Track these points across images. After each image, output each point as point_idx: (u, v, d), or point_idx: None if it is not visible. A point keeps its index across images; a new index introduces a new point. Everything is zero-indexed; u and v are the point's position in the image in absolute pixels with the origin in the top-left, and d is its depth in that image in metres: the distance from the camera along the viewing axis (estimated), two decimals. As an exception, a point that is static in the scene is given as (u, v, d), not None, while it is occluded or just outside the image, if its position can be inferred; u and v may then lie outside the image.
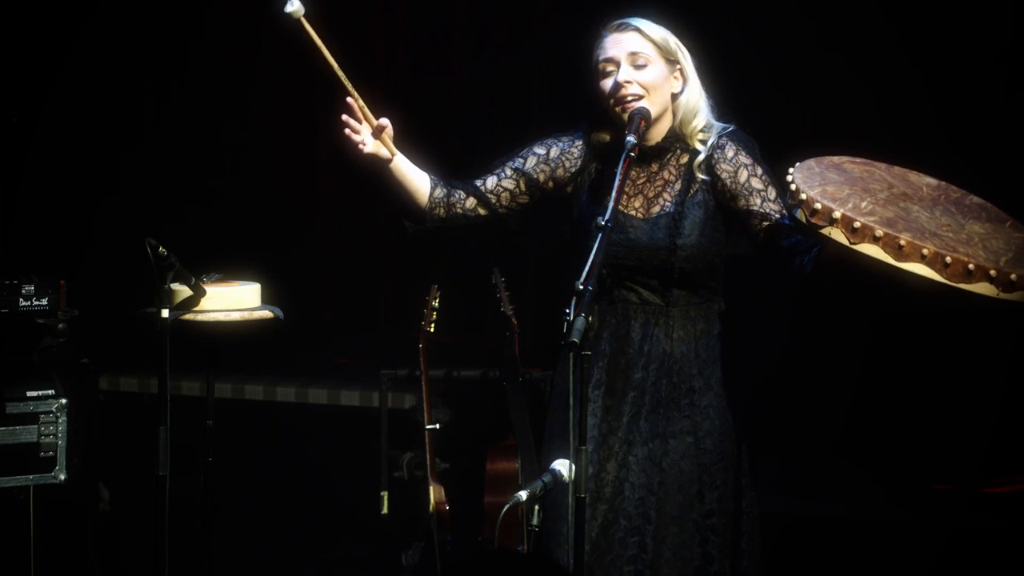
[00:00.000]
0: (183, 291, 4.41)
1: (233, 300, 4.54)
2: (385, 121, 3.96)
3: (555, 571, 3.66)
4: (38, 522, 5.09)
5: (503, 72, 7.17)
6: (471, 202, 4.10)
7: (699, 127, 4.03)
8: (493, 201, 4.11)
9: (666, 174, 4.05)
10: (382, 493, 6.06)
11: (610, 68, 3.98)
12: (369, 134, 3.95)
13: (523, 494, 3.73)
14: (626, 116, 3.95)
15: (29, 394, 5.12)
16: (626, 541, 3.95)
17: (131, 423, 6.23)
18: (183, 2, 7.38)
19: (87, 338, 5.47)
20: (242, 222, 7.31)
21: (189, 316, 4.44)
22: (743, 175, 4.00)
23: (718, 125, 4.05)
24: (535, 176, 4.10)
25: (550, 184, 4.12)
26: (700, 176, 4.02)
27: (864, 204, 3.75)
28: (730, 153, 4.02)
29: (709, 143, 4.03)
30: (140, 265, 4.25)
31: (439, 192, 4.08)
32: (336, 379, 6.88)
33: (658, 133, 4.04)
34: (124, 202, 7.26)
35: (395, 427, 6.23)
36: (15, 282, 5.19)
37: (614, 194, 3.76)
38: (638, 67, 3.97)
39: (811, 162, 3.89)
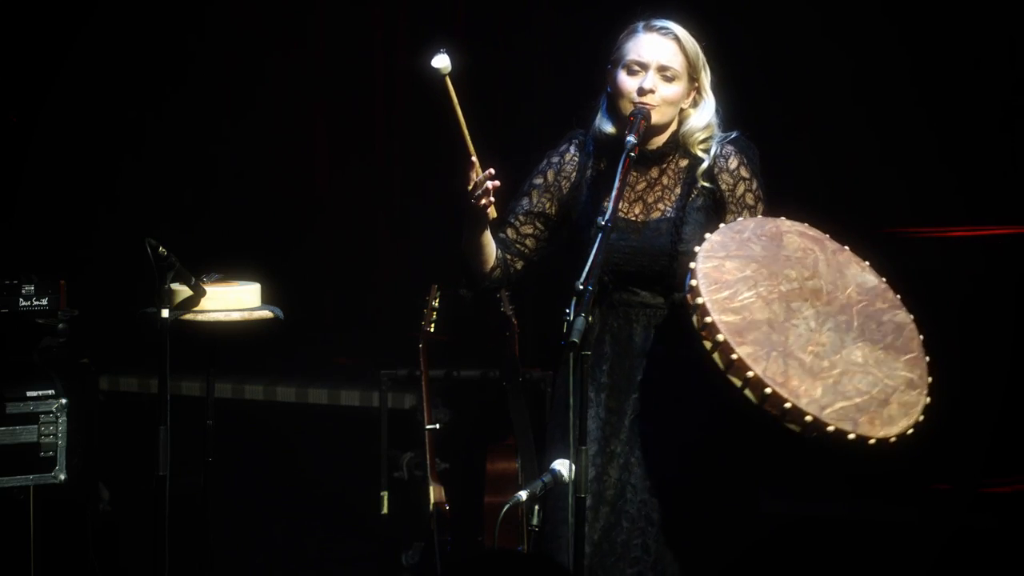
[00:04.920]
0: (183, 291, 4.41)
1: (233, 300, 4.54)
2: (498, 184, 3.97)
3: (555, 571, 3.66)
4: (38, 522, 5.09)
5: (502, 65, 7.17)
6: (509, 257, 4.14)
7: (700, 139, 4.05)
8: (524, 252, 4.16)
9: (665, 179, 4.06)
10: (382, 493, 6.07)
11: (637, 68, 3.98)
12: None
13: (523, 494, 3.73)
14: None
15: (29, 394, 5.11)
16: (629, 543, 3.95)
17: (131, 423, 6.22)
18: (184, 2, 7.38)
19: (87, 338, 5.47)
20: (242, 222, 7.31)
21: (189, 316, 4.44)
22: (740, 189, 4.03)
23: (720, 134, 4.06)
24: (544, 210, 4.14)
25: (556, 207, 4.14)
26: (702, 183, 4.03)
27: (746, 295, 3.77)
28: (732, 164, 4.03)
29: (712, 152, 4.04)
30: (140, 265, 4.25)
31: (499, 253, 4.11)
32: (336, 379, 6.88)
33: (660, 139, 4.05)
34: (124, 202, 7.26)
35: (395, 427, 6.23)
36: (15, 282, 5.18)
37: (614, 194, 3.78)
38: (665, 79, 3.99)
39: (752, 223, 3.92)
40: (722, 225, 3.92)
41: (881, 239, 6.53)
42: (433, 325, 5.65)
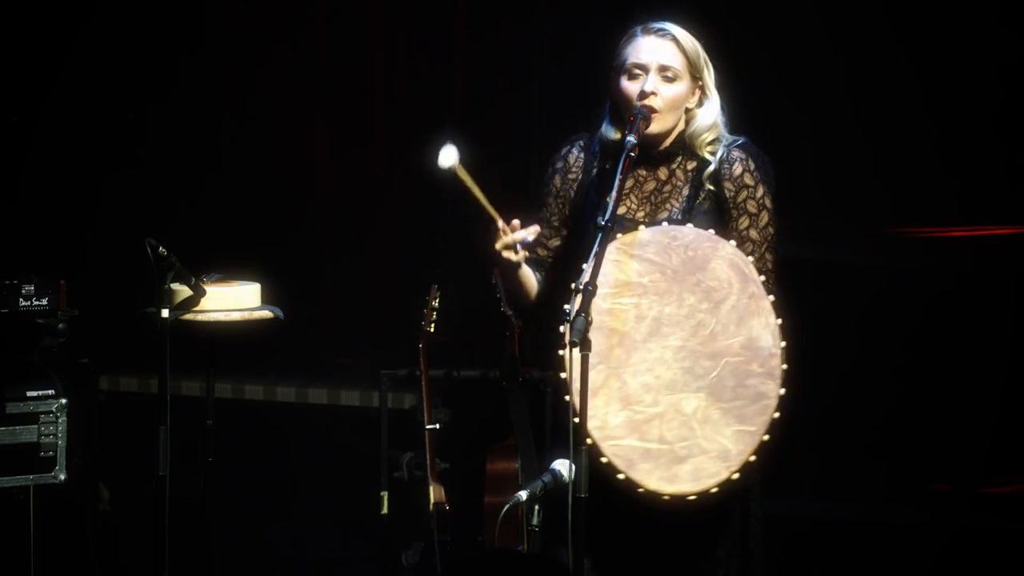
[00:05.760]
0: (183, 291, 4.41)
1: (233, 300, 4.54)
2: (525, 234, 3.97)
3: (555, 571, 3.66)
4: (38, 522, 5.09)
5: (502, 62, 7.18)
6: (546, 272, 4.13)
7: (707, 140, 4.03)
8: (559, 261, 4.14)
9: (674, 180, 4.05)
10: (382, 493, 6.06)
11: (638, 72, 3.97)
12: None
13: (523, 494, 3.73)
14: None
15: (29, 394, 5.12)
16: (632, 544, 3.94)
17: (131, 423, 6.23)
18: (183, 1, 7.38)
19: (87, 338, 5.47)
20: (242, 222, 7.31)
21: (189, 316, 4.45)
22: (742, 195, 4.01)
23: (727, 137, 4.05)
24: (563, 215, 4.13)
25: (569, 209, 4.13)
26: (708, 186, 4.02)
27: (624, 300, 3.71)
28: (737, 170, 4.01)
29: (718, 155, 4.02)
30: (140, 265, 4.25)
31: (539, 276, 4.11)
32: (336, 379, 6.88)
33: (667, 141, 4.04)
34: (124, 202, 7.26)
35: (395, 427, 6.22)
36: (15, 282, 5.18)
37: (614, 194, 3.77)
38: (666, 80, 3.97)
39: (693, 234, 3.81)
40: (664, 223, 3.89)
41: (881, 239, 6.56)
42: (433, 325, 5.65)
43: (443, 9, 7.28)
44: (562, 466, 3.72)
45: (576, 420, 3.60)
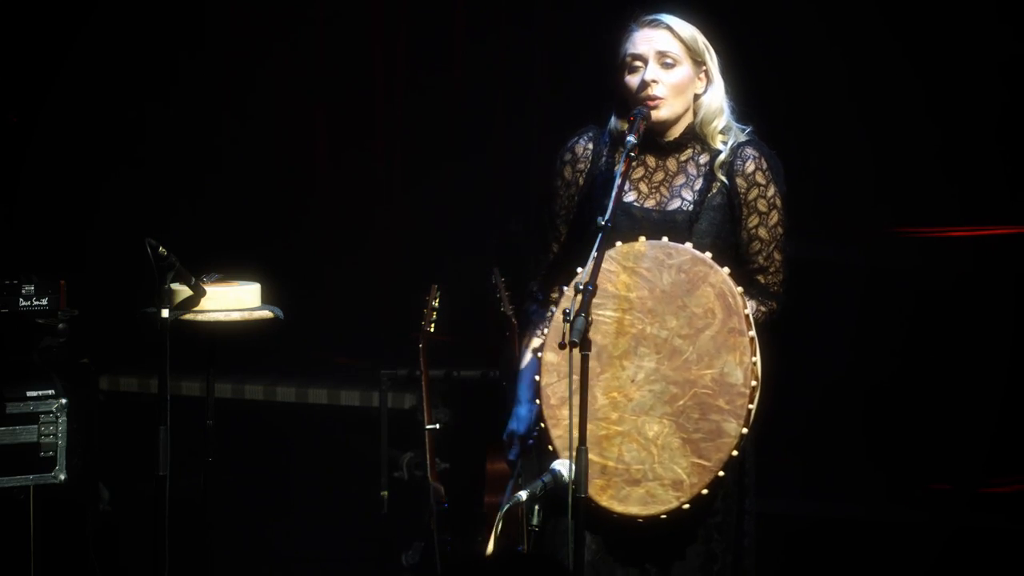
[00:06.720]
0: (183, 291, 4.41)
1: (233, 300, 4.54)
2: None
3: (555, 571, 3.65)
4: (38, 522, 5.09)
5: (505, 62, 7.18)
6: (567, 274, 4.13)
7: (719, 128, 4.03)
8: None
9: (686, 172, 4.04)
10: (382, 493, 6.06)
11: (637, 64, 3.98)
12: None
13: (523, 494, 3.73)
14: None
15: (29, 394, 5.11)
16: (632, 543, 3.95)
17: (131, 423, 6.23)
18: (183, 1, 7.38)
19: (87, 338, 5.47)
20: (242, 222, 7.31)
21: (189, 316, 4.44)
22: (752, 194, 4.00)
23: (737, 127, 4.05)
24: (572, 206, 4.11)
25: (579, 199, 4.12)
26: (721, 178, 4.02)
27: (607, 313, 3.71)
28: (750, 168, 4.00)
29: (729, 145, 4.02)
30: (140, 265, 4.26)
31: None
32: (336, 379, 6.88)
33: (676, 130, 4.03)
34: (124, 202, 7.26)
35: (395, 427, 6.23)
36: (15, 282, 5.18)
37: (614, 194, 3.77)
38: (665, 66, 3.97)
39: (690, 255, 3.78)
40: (665, 238, 3.85)
41: (880, 239, 6.56)
42: (433, 325, 5.65)
43: (443, 9, 7.28)
44: (562, 466, 3.73)
45: (576, 420, 3.61)
